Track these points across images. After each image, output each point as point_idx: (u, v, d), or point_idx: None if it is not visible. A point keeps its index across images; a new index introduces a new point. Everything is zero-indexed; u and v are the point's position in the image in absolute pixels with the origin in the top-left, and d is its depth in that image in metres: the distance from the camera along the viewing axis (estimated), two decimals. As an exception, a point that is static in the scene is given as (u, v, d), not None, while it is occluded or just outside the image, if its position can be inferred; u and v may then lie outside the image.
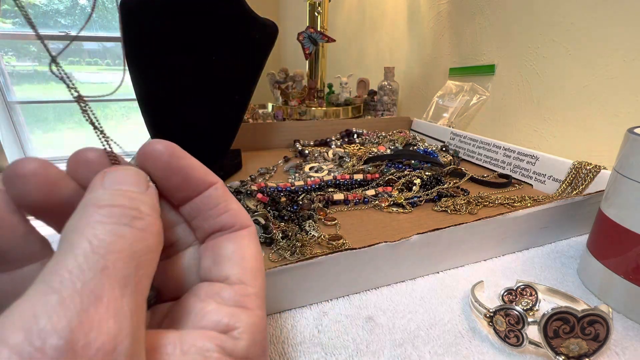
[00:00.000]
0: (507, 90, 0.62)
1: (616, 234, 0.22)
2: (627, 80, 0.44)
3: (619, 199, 0.22)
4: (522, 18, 0.57)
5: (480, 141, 0.53)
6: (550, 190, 0.41)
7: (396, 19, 0.97)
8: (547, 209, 0.29)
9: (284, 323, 0.22)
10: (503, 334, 0.19)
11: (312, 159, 0.55)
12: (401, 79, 0.93)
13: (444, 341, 0.20)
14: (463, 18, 0.71)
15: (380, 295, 0.24)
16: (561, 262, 0.28)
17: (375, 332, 0.21)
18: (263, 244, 0.30)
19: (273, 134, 0.65)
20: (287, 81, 0.88)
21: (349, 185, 0.43)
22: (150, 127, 0.45)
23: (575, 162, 0.38)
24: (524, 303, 0.23)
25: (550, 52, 0.53)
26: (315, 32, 0.79)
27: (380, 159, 0.49)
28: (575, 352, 0.17)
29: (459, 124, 0.69)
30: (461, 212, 0.36)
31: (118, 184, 0.11)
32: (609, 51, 0.45)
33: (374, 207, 0.38)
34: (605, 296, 0.24)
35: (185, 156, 0.13)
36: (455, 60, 0.75)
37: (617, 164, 0.23)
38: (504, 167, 0.48)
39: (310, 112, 0.83)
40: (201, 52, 0.41)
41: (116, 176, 0.11)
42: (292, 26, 1.51)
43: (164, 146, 0.13)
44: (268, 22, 0.46)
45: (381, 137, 0.64)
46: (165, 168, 0.13)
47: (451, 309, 0.23)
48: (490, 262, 0.28)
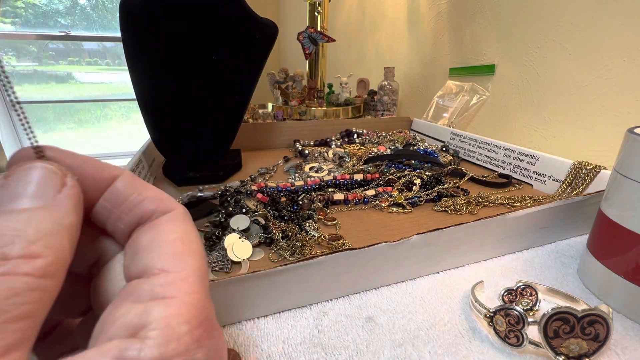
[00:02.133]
0: (507, 90, 0.62)
1: (616, 234, 0.22)
2: (627, 80, 0.44)
3: (619, 199, 0.22)
4: (522, 18, 0.57)
5: (480, 141, 0.53)
6: (550, 190, 0.41)
7: (396, 19, 0.97)
8: (547, 209, 0.29)
9: (284, 323, 0.22)
10: (503, 334, 0.19)
11: (312, 159, 0.55)
12: (401, 79, 0.93)
13: (444, 341, 0.20)
14: (463, 18, 0.71)
15: (380, 295, 0.24)
16: (561, 262, 0.28)
17: (375, 332, 0.21)
18: (263, 243, 0.30)
19: (273, 134, 0.65)
20: (287, 81, 0.88)
21: (349, 185, 0.43)
22: (150, 127, 0.45)
23: (575, 162, 0.38)
24: (524, 303, 0.22)
25: (550, 52, 0.53)
26: (315, 32, 0.79)
27: (380, 159, 0.49)
28: (575, 352, 0.17)
29: (459, 124, 0.69)
30: (461, 212, 0.36)
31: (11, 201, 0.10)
32: (609, 51, 0.45)
33: (374, 207, 0.38)
34: (605, 296, 0.24)
35: (68, 155, 0.11)
36: (455, 60, 0.75)
37: (617, 164, 0.23)
38: (504, 167, 0.48)
39: (310, 112, 0.83)
40: (201, 52, 0.41)
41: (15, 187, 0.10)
42: (292, 26, 1.51)
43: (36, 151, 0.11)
44: (268, 22, 0.46)
45: (381, 137, 0.64)
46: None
47: (451, 309, 0.23)
48: (490, 262, 0.28)
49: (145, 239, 0.11)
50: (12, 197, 0.10)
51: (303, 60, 0.86)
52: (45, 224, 0.10)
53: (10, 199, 0.10)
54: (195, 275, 0.11)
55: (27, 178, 0.10)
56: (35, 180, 0.10)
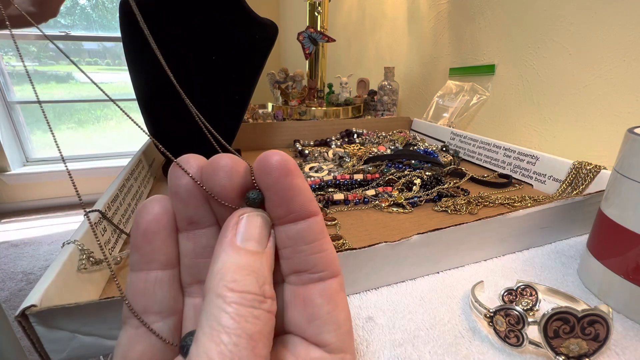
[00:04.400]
0: (507, 90, 0.62)
1: (616, 234, 0.22)
2: (627, 80, 0.44)
3: (619, 199, 0.22)
4: (522, 18, 0.57)
5: (480, 141, 0.53)
6: (550, 190, 0.41)
7: (396, 19, 0.97)
8: (547, 209, 0.29)
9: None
10: (503, 334, 0.19)
11: (312, 159, 0.55)
12: (401, 79, 0.93)
13: (444, 341, 0.20)
14: (463, 18, 0.71)
15: (380, 295, 0.24)
16: (561, 262, 0.28)
17: (375, 332, 0.21)
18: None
19: (273, 134, 0.65)
20: (287, 81, 0.88)
21: (349, 185, 0.43)
22: (150, 127, 0.45)
23: (575, 162, 0.38)
24: (524, 303, 0.22)
25: (550, 52, 0.53)
26: (315, 32, 0.79)
27: (380, 159, 0.49)
28: (575, 352, 0.17)
29: (459, 124, 0.69)
30: (461, 212, 0.36)
31: (247, 240, 0.12)
32: (609, 51, 0.45)
33: (374, 207, 0.38)
34: (605, 296, 0.24)
35: (298, 175, 0.13)
36: (455, 60, 0.75)
37: (617, 164, 0.23)
38: (504, 167, 0.48)
39: (310, 112, 0.83)
40: (201, 52, 0.41)
41: (247, 230, 0.12)
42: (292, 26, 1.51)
43: (278, 161, 0.12)
44: (268, 22, 0.46)
45: (381, 137, 0.64)
46: (275, 183, 0.12)
47: (451, 309, 0.23)
48: (490, 262, 0.28)
49: (323, 308, 0.13)
50: (246, 238, 0.12)
51: (303, 60, 0.86)
52: (267, 269, 0.12)
53: (245, 238, 0.12)
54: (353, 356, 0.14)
55: (254, 222, 0.12)
56: (259, 226, 0.12)
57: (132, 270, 0.13)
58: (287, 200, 0.13)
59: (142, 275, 0.13)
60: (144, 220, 0.13)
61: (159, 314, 0.13)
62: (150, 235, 0.13)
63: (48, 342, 0.18)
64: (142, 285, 0.13)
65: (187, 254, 0.14)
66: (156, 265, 0.13)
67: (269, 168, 0.12)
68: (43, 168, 2.02)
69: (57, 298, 0.19)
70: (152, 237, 0.13)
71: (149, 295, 0.13)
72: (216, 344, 0.10)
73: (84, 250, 0.23)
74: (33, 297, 0.17)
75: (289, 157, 0.13)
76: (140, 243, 0.13)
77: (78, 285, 0.22)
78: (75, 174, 2.15)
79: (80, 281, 0.22)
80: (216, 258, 0.12)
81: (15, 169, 1.96)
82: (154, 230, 0.13)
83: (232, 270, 0.11)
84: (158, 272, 0.13)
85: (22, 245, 1.64)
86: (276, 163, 0.12)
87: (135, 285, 0.13)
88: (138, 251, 0.13)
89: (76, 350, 0.19)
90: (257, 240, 0.12)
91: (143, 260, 0.13)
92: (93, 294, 0.23)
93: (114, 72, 2.16)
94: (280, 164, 0.12)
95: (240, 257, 0.11)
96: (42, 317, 0.17)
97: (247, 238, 0.12)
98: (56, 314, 0.18)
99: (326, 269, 0.13)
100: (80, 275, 0.22)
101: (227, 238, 0.12)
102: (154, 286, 0.13)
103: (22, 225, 1.85)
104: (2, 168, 1.92)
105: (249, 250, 0.12)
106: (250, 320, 0.10)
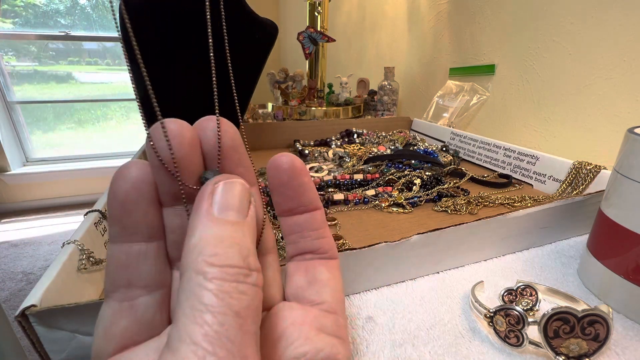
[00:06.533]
0: (507, 90, 0.62)
1: (616, 234, 0.22)
2: (627, 80, 0.44)
3: (619, 199, 0.22)
4: (522, 18, 0.57)
5: (480, 141, 0.53)
6: (550, 190, 0.41)
7: (396, 19, 0.97)
8: (547, 209, 0.29)
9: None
10: (503, 334, 0.19)
11: (312, 159, 0.55)
12: (401, 79, 0.93)
13: (444, 341, 0.20)
14: (463, 18, 0.71)
15: (380, 295, 0.24)
16: (561, 262, 0.28)
17: (375, 332, 0.21)
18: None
19: (273, 134, 0.65)
20: (287, 81, 0.88)
21: (349, 185, 0.43)
22: (149, 125, 0.45)
23: (575, 162, 0.38)
24: (524, 303, 0.22)
25: (550, 52, 0.53)
26: (315, 32, 0.79)
27: (380, 159, 0.49)
28: (575, 352, 0.17)
29: (459, 124, 0.69)
30: (461, 212, 0.36)
31: (225, 210, 0.11)
32: (609, 51, 0.45)
33: (374, 207, 0.38)
34: (605, 296, 0.24)
35: (306, 174, 0.14)
36: (455, 60, 0.75)
37: (617, 164, 0.23)
38: (504, 167, 0.48)
39: (310, 112, 0.83)
40: (201, 52, 0.41)
41: (225, 199, 0.11)
42: (292, 26, 1.51)
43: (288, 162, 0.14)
44: (268, 22, 0.46)
45: (381, 137, 0.64)
46: (288, 181, 0.14)
47: (451, 309, 0.23)
48: (490, 262, 0.28)
49: (324, 274, 0.15)
50: (224, 207, 0.11)
51: (303, 60, 0.86)
52: (250, 239, 0.11)
53: (222, 208, 0.11)
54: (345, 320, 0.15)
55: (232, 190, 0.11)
56: (238, 194, 0.12)
57: (112, 242, 0.12)
58: (298, 195, 0.14)
59: (124, 247, 0.12)
60: (122, 189, 0.12)
61: (144, 287, 0.12)
62: (130, 206, 0.12)
63: (48, 342, 0.18)
64: (125, 258, 0.12)
65: (174, 230, 0.13)
66: (139, 237, 0.12)
67: (281, 169, 0.14)
68: (43, 168, 2.02)
69: (57, 298, 0.19)
70: (132, 207, 0.12)
71: (133, 268, 0.12)
72: (199, 325, 0.09)
73: (84, 250, 0.23)
74: (33, 297, 0.17)
75: (297, 158, 0.14)
76: (119, 214, 0.12)
77: (78, 285, 0.22)
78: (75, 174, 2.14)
79: (80, 281, 0.22)
80: (192, 232, 0.10)
81: (15, 169, 1.96)
82: (133, 200, 0.12)
83: (212, 243, 0.10)
84: (142, 245, 0.12)
85: (22, 245, 1.64)
86: (287, 164, 0.14)
87: (116, 257, 0.12)
88: (117, 223, 0.12)
89: (76, 350, 0.19)
90: (237, 209, 0.11)
91: (124, 232, 0.12)
92: (93, 294, 0.23)
93: (114, 72, 2.16)
94: (290, 164, 0.14)
95: (219, 229, 0.10)
96: (42, 317, 0.17)
97: (225, 208, 0.11)
98: (56, 314, 0.18)
99: (328, 250, 0.15)
100: (80, 275, 0.22)
101: (203, 209, 0.11)
102: (137, 259, 0.12)
103: (22, 225, 1.85)
104: (2, 168, 1.92)
105: (229, 221, 0.11)
106: (235, 296, 0.09)
